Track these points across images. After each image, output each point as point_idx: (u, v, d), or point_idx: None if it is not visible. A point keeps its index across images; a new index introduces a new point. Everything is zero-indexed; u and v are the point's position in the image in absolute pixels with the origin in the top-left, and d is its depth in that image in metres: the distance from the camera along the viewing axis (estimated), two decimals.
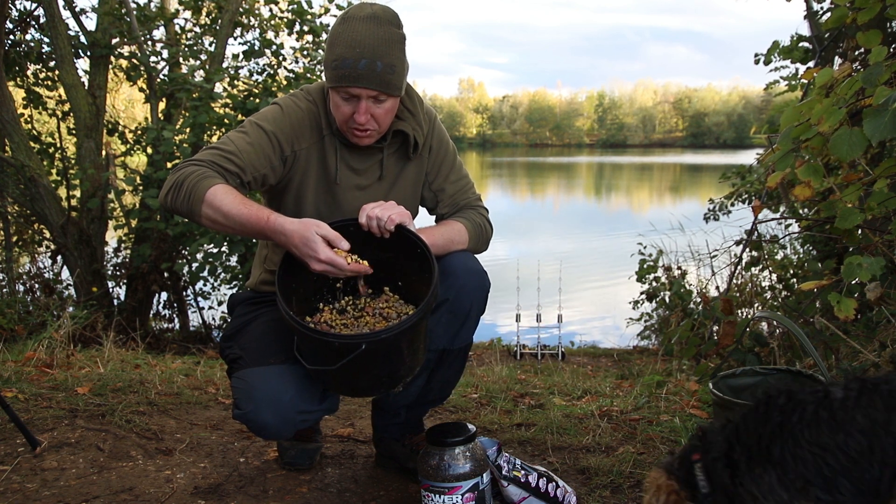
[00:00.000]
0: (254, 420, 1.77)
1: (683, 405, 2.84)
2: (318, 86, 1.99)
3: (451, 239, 1.97)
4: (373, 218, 1.77)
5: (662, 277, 7.39)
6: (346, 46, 1.74)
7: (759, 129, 12.92)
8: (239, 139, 1.84)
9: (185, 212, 1.75)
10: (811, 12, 5.43)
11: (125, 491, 2.01)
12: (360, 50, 1.73)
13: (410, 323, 1.65)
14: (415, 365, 1.82)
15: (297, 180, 1.93)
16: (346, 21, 1.77)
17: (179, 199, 1.74)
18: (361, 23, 1.75)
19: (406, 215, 1.81)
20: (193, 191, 1.72)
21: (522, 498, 1.83)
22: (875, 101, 1.92)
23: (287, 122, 1.88)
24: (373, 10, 1.78)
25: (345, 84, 1.75)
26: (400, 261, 1.85)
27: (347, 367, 1.64)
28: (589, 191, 34.12)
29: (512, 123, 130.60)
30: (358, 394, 1.85)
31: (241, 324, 2.00)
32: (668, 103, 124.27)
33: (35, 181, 6.60)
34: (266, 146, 1.85)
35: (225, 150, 1.81)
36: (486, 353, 7.13)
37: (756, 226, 3.28)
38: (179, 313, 8.01)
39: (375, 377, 1.78)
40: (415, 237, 1.79)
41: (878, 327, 3.04)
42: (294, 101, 1.93)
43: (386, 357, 1.70)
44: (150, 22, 7.88)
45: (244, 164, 1.81)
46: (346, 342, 1.62)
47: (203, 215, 1.73)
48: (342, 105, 1.81)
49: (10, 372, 3.09)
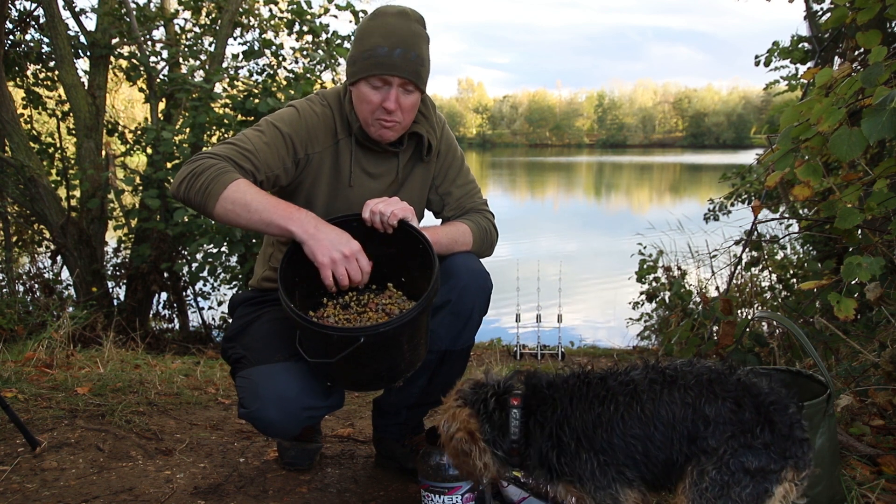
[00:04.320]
0: (260, 417, 1.77)
1: None
2: (335, 91, 2.00)
3: (454, 239, 1.97)
4: (376, 213, 1.78)
5: (662, 278, 7.38)
6: (381, 36, 1.79)
7: (760, 130, 12.93)
8: (256, 138, 1.84)
9: (198, 202, 1.73)
10: (811, 12, 5.43)
11: (125, 491, 2.01)
12: (395, 39, 1.78)
13: (409, 317, 1.65)
14: (415, 360, 1.83)
15: (309, 183, 1.94)
16: (378, 16, 1.83)
17: (195, 190, 1.72)
18: (394, 17, 1.82)
19: (409, 211, 1.82)
20: (213, 183, 1.71)
21: (522, 498, 1.83)
22: (874, 101, 1.92)
23: (303, 125, 1.89)
24: (402, 8, 1.85)
25: (379, 72, 1.79)
26: (402, 257, 1.86)
27: (347, 360, 1.64)
28: (589, 191, 34.12)
29: (512, 123, 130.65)
30: (359, 388, 1.86)
31: (243, 324, 2.00)
32: (667, 103, 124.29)
33: (35, 181, 6.60)
34: (281, 147, 1.86)
35: (242, 148, 1.81)
36: (486, 353, 7.13)
37: (756, 226, 3.27)
38: (179, 313, 8.01)
39: (375, 371, 1.78)
40: (417, 233, 1.80)
41: (878, 327, 3.04)
42: (310, 105, 1.94)
43: (385, 351, 1.71)
44: (149, 22, 7.89)
45: (259, 164, 1.81)
46: (345, 335, 1.63)
47: (219, 207, 1.71)
48: (372, 94, 1.83)
49: (10, 372, 3.09)
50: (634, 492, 1.39)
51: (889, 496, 1.85)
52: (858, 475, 1.95)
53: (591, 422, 1.39)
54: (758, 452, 1.26)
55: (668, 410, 1.34)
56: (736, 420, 1.29)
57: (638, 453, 1.35)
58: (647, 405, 1.36)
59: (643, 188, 34.82)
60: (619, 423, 1.37)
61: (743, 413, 1.30)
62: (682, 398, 1.34)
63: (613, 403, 1.38)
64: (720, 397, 1.32)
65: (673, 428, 1.33)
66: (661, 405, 1.34)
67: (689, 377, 1.36)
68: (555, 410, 1.43)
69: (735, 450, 1.27)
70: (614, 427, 1.37)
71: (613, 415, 1.38)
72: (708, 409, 1.31)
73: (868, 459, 2.07)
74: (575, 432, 1.40)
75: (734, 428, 1.28)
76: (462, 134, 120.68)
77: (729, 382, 1.34)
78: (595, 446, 1.38)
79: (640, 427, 1.35)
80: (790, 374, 1.96)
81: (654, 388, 1.37)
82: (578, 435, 1.39)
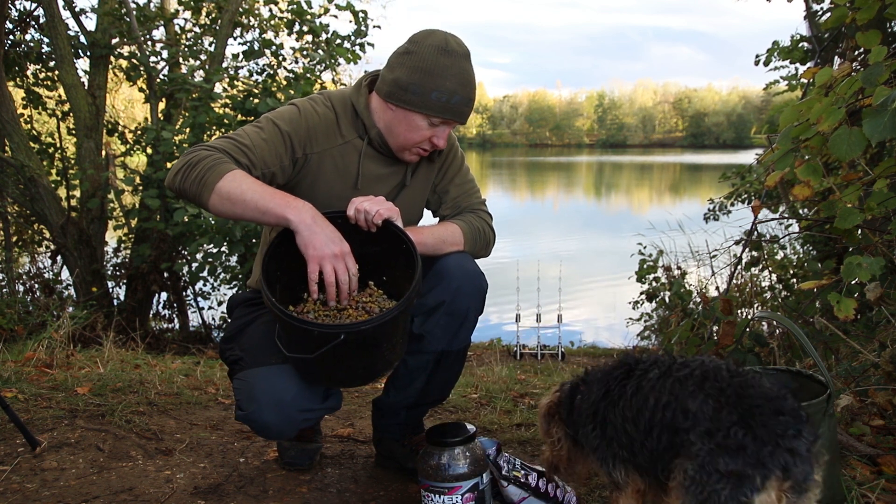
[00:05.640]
0: (256, 420, 1.77)
1: None
2: (340, 93, 1.99)
3: (442, 239, 1.96)
4: (361, 211, 1.78)
5: (662, 277, 7.39)
6: (458, 83, 1.84)
7: (760, 129, 12.93)
8: (254, 134, 1.84)
9: (193, 192, 1.72)
10: (811, 12, 5.43)
11: (125, 491, 2.01)
12: (468, 89, 1.87)
13: (390, 317, 1.65)
14: (393, 359, 1.83)
15: (307, 183, 1.93)
16: (450, 55, 1.84)
17: (190, 180, 1.71)
18: (464, 60, 1.86)
19: (395, 211, 1.82)
20: (208, 173, 1.70)
21: (522, 498, 1.83)
22: (874, 101, 1.92)
23: (303, 124, 1.89)
24: (463, 48, 1.88)
25: (449, 116, 1.86)
26: (386, 256, 1.86)
27: (326, 356, 1.64)
28: (589, 191, 34.13)
29: (512, 123, 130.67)
30: (334, 384, 1.85)
31: (240, 325, 1.99)
32: (667, 103, 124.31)
33: (35, 181, 6.60)
34: (279, 144, 1.85)
35: (240, 143, 1.80)
36: (486, 353, 7.13)
37: (756, 226, 3.27)
38: (179, 313, 8.01)
39: (352, 369, 1.78)
40: (401, 233, 1.80)
41: (878, 327, 3.04)
42: (312, 105, 1.93)
43: (364, 349, 1.71)
44: (149, 22, 7.89)
45: (256, 160, 1.81)
46: (326, 331, 1.62)
47: (214, 197, 1.70)
48: (424, 129, 1.88)
49: (10, 372, 3.09)
50: (632, 474, 1.42)
51: (889, 496, 1.85)
52: (858, 475, 1.95)
53: (601, 397, 1.48)
54: (734, 455, 1.21)
55: (655, 397, 1.35)
56: (714, 418, 1.26)
57: (626, 434, 1.40)
58: (643, 390, 1.39)
59: (643, 188, 34.83)
60: (618, 401, 1.43)
61: (721, 412, 1.27)
62: (671, 388, 1.35)
63: (623, 385, 1.44)
64: (705, 392, 1.30)
65: (654, 414, 1.34)
66: (651, 392, 1.37)
67: (687, 369, 1.37)
68: (589, 390, 1.54)
69: (711, 449, 1.23)
70: (615, 404, 1.44)
71: (619, 394, 1.44)
72: (691, 403, 1.30)
73: (868, 459, 2.07)
74: (592, 407, 1.50)
75: (710, 425, 1.26)
76: (462, 134, 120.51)
77: (723, 379, 1.32)
78: (597, 419, 1.48)
79: (629, 409, 1.40)
80: (790, 374, 1.96)
81: (657, 375, 1.40)
82: (593, 409, 1.50)
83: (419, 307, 1.92)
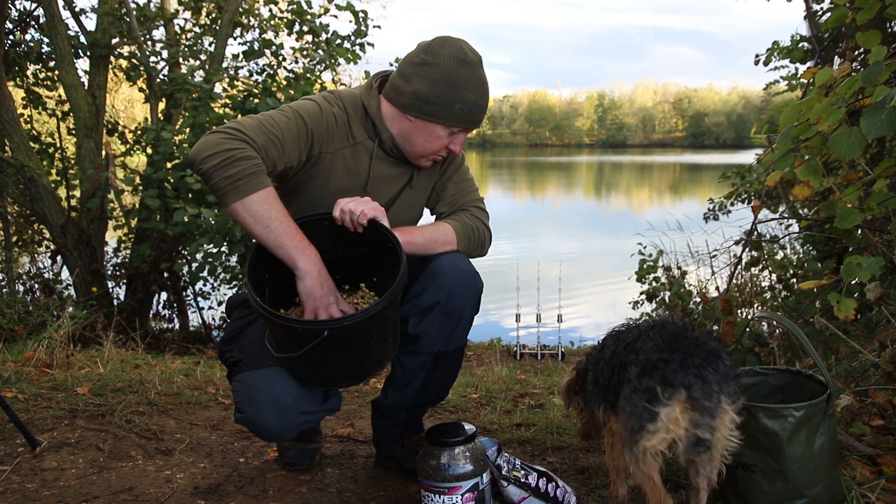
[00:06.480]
0: (256, 423, 1.76)
1: None
2: (350, 94, 1.98)
3: (433, 238, 1.96)
4: (346, 212, 1.79)
5: (662, 277, 7.38)
6: (478, 94, 1.88)
7: (760, 129, 12.94)
8: (284, 125, 1.81)
9: (219, 187, 1.67)
10: (811, 12, 5.44)
11: (125, 491, 2.01)
12: (486, 99, 1.91)
13: (373, 312, 1.64)
14: (384, 357, 1.82)
15: (318, 182, 1.92)
16: (469, 66, 1.86)
17: (224, 175, 1.66)
18: (480, 69, 1.90)
19: (379, 211, 1.82)
20: (245, 180, 1.66)
21: (522, 498, 1.84)
22: (874, 101, 1.92)
23: (324, 123, 1.88)
24: (477, 55, 1.90)
25: (469, 126, 1.91)
26: (375, 257, 1.86)
27: (312, 354, 1.64)
28: (589, 191, 34.13)
29: (512, 123, 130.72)
30: (325, 384, 1.84)
31: (240, 326, 1.99)
32: (667, 103, 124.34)
33: (35, 181, 6.60)
34: (302, 139, 1.84)
35: (273, 133, 1.77)
36: (486, 353, 7.13)
37: (756, 226, 3.27)
38: (179, 313, 8.01)
39: (342, 367, 1.78)
40: (386, 231, 1.80)
41: (878, 327, 3.04)
42: (329, 105, 1.92)
43: (350, 346, 1.70)
44: (149, 22, 7.88)
45: (282, 154, 1.79)
46: (309, 328, 1.62)
47: (239, 205, 1.67)
48: (443, 138, 1.91)
49: (10, 372, 3.09)
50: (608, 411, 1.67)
51: (889, 496, 1.85)
52: (858, 475, 1.95)
53: (601, 349, 1.76)
54: (651, 374, 1.49)
55: (623, 346, 1.64)
56: (650, 353, 1.53)
57: (604, 378, 1.68)
58: (620, 343, 1.67)
59: (643, 188, 34.83)
60: (604, 357, 1.71)
61: (657, 350, 1.53)
62: (633, 338, 1.62)
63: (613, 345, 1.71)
64: (650, 337, 1.58)
65: (614, 356, 1.64)
66: (620, 342, 1.66)
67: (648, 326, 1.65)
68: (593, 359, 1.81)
69: (639, 373, 1.51)
70: (605, 349, 1.73)
71: (613, 344, 1.70)
72: (639, 343, 1.58)
73: (868, 459, 2.07)
74: (592, 370, 1.78)
75: (644, 357, 1.53)
76: None
77: (668, 329, 1.59)
78: (589, 364, 1.80)
79: (608, 361, 1.67)
80: (790, 374, 1.96)
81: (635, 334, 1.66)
82: (593, 372, 1.77)
83: (414, 308, 1.92)
